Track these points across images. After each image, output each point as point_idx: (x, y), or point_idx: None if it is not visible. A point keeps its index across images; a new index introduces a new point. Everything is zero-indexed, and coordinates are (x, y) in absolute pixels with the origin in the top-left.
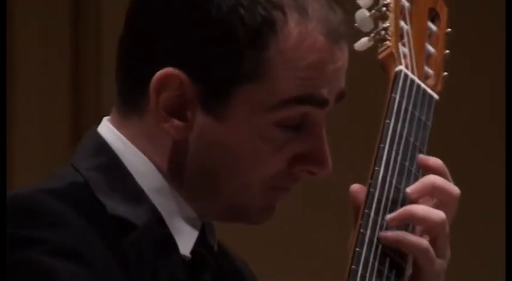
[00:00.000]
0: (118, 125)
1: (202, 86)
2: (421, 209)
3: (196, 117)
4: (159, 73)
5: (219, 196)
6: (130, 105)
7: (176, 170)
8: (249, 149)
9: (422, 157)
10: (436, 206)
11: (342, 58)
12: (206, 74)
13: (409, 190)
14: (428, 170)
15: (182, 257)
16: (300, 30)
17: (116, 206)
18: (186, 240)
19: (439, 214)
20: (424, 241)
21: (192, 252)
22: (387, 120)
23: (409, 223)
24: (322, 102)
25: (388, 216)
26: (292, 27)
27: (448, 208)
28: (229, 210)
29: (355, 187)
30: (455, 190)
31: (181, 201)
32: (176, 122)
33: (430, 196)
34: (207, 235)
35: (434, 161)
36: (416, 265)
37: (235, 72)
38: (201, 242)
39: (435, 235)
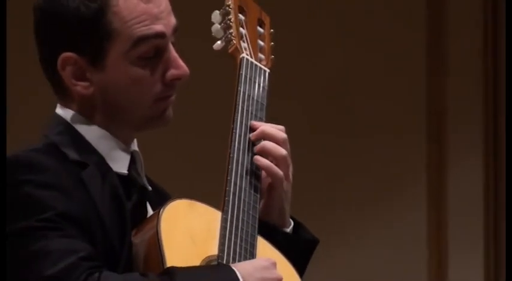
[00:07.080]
0: (63, 103)
1: (87, 56)
2: (270, 144)
3: (93, 76)
4: (60, 58)
5: (132, 119)
6: (59, 88)
7: (100, 116)
8: (133, 81)
9: (254, 123)
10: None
11: (163, 3)
12: (86, 49)
13: (256, 149)
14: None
15: (119, 175)
16: (123, 0)
17: (74, 154)
18: (121, 164)
19: (281, 151)
20: (278, 169)
21: (127, 171)
22: (239, 88)
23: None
24: (160, 35)
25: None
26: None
27: (282, 164)
28: (143, 123)
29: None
30: (281, 151)
31: (112, 139)
32: (82, 83)
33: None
34: (136, 164)
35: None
36: (271, 185)
37: (100, 40)
38: (131, 167)
39: (280, 163)
